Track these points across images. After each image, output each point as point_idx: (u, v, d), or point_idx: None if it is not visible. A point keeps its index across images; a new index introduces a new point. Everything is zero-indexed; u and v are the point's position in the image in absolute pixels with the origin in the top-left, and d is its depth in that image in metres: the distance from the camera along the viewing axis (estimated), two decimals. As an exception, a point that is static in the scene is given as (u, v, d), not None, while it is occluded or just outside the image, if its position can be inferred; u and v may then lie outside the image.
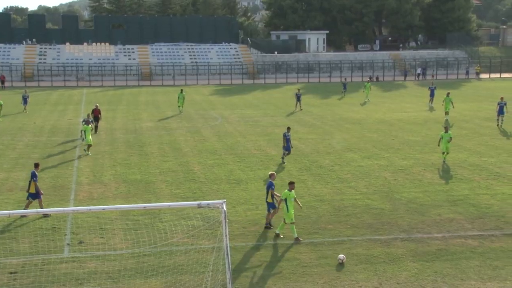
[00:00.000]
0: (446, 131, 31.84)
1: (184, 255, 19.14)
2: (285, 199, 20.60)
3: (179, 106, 53.81)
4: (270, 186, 21.63)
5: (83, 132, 35.36)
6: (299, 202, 21.40)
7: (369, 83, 63.75)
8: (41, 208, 22.84)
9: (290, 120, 48.55)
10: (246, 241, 20.56)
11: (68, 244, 20.37)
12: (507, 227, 21.85)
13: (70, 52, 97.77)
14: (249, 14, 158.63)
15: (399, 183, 28.13)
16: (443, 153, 31.89)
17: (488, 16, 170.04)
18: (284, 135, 32.76)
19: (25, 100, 54.34)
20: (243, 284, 17.22)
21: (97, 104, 43.78)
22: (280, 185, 24.75)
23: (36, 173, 23.66)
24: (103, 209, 19.35)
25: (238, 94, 72.25)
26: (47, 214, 22.67)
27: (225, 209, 15.81)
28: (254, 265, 18.55)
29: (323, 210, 23.90)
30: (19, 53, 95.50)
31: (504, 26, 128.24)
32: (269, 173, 22.73)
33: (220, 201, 16.43)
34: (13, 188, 27.59)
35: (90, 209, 18.90)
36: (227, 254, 15.39)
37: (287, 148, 32.58)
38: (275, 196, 21.58)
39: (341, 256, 16.08)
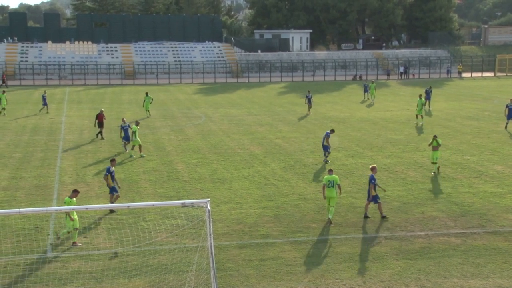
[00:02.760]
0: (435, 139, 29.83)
1: (168, 254, 19.10)
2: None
3: (146, 110, 50.58)
4: (371, 180, 22.15)
5: (133, 133, 34.77)
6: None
7: (374, 84, 61.37)
8: (111, 203, 23.41)
9: (274, 119, 48.60)
10: (230, 240, 20.54)
11: (51, 244, 20.25)
12: (489, 225, 22.02)
13: (52, 50, 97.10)
14: (232, 13, 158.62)
15: (382, 181, 28.17)
16: (434, 163, 29.80)
17: (469, 15, 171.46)
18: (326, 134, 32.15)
19: (44, 100, 53.09)
20: (227, 283, 17.19)
21: (102, 109, 42.70)
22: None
23: (111, 168, 23.76)
24: (87, 208, 19.25)
25: (221, 93, 72.21)
26: (113, 210, 23.04)
27: (209, 208, 15.76)
28: (238, 264, 18.52)
29: (307, 209, 23.93)
30: (1, 52, 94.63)
31: (486, 26, 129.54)
32: (370, 166, 23.22)
33: (204, 200, 16.38)
34: (-5, 188, 27.38)
35: (73, 209, 18.78)
36: (211, 253, 15.34)
37: (325, 148, 32.16)
38: (378, 187, 22.27)
39: None
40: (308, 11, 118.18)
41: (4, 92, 51.06)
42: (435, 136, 29.83)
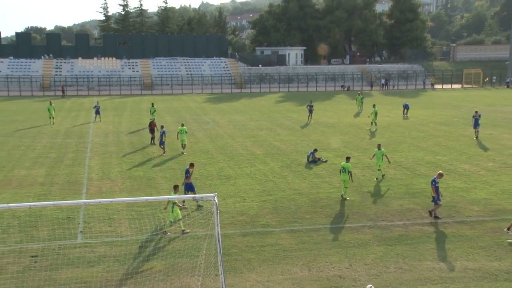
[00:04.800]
0: (379, 148, 28.31)
1: (181, 241, 19.14)
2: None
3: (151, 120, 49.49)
4: (432, 182, 21.62)
5: (178, 133, 35.53)
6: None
7: (361, 96, 59.14)
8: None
9: (272, 124, 48.62)
10: (235, 229, 20.57)
11: (81, 231, 20.29)
12: (457, 215, 22.09)
13: (82, 65, 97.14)
14: (237, 32, 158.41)
15: (366, 178, 28.26)
16: (379, 170, 28.29)
17: (440, 35, 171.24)
18: None
19: (97, 110, 51.78)
20: (232, 266, 17.22)
21: (154, 118, 42.03)
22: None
23: (189, 170, 23.39)
24: (111, 201, 19.15)
25: (227, 101, 72.19)
26: (201, 205, 22.78)
27: (216, 201, 15.77)
28: (242, 249, 18.55)
29: (302, 202, 23.97)
30: (38, 67, 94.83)
31: (454, 44, 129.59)
32: (439, 172, 22.34)
33: (212, 194, 16.39)
34: (34, 184, 27.41)
35: (99, 202, 18.80)
36: (218, 240, 15.36)
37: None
38: (439, 191, 21.51)
39: (369, 287, 15.34)
40: (302, 31, 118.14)
41: (51, 102, 50.65)
42: (379, 145, 28.88)
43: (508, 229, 19.89)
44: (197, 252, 17.75)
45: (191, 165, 24.02)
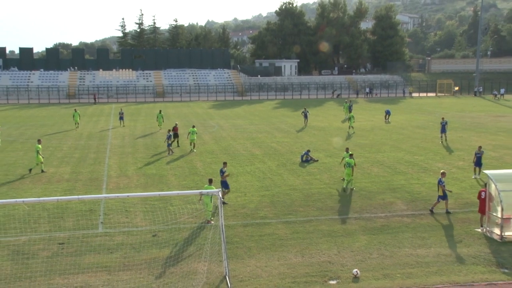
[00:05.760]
0: (347, 151, 26.54)
1: (189, 231, 19.14)
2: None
3: (159, 125, 47.53)
4: (439, 182, 21.18)
5: (189, 134, 35.72)
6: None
7: (347, 104, 57.87)
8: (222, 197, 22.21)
9: (270, 128, 48.61)
10: (237, 220, 20.57)
11: (101, 222, 20.30)
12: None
13: (102, 76, 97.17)
14: (238, 46, 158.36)
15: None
16: (343, 179, 25.62)
17: (417, 50, 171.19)
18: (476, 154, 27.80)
19: (121, 116, 51.01)
20: (234, 253, 17.23)
21: (177, 123, 41.38)
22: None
23: (223, 169, 22.88)
24: (128, 196, 19.22)
25: (230, 107, 72.19)
26: (225, 202, 22.14)
27: (220, 196, 15.83)
28: (243, 238, 18.55)
29: (296, 197, 23.96)
30: (65, 78, 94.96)
31: (429, 58, 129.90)
32: (441, 171, 21.83)
33: (217, 190, 16.46)
34: (60, 180, 27.42)
35: (118, 196, 18.83)
36: (222, 230, 15.39)
37: (476, 163, 27.55)
38: (445, 190, 21.14)
39: (355, 271, 15.39)
40: (297, 45, 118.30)
41: (76, 110, 50.37)
42: (347, 148, 27.64)
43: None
44: (204, 240, 17.77)
45: (224, 164, 23.48)
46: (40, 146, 29.95)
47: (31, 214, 21.07)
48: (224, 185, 22.83)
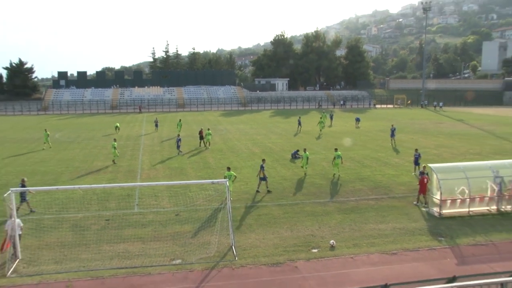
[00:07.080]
0: (336, 151, 25.66)
1: (203, 212, 19.15)
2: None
3: (178, 130, 43.99)
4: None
5: (206, 135, 35.51)
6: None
7: (324, 113, 54.35)
8: (267, 187, 21.62)
9: (266, 131, 48.55)
10: (240, 203, 20.59)
11: (137, 204, 20.35)
12: (391, 193, 22.13)
13: (137, 92, 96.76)
14: (242, 68, 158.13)
15: (330, 168, 28.20)
16: (334, 175, 25.23)
17: (379, 71, 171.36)
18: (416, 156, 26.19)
19: (156, 124, 49.85)
20: (239, 229, 17.30)
21: (202, 128, 40.62)
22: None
23: (263, 165, 21.98)
24: (156, 184, 19.24)
25: (235, 116, 72.08)
26: (270, 190, 21.42)
27: (227, 185, 15.90)
28: (245, 217, 18.62)
29: (286, 185, 23.97)
30: (109, 93, 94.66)
31: (388, 78, 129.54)
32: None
33: (225, 180, 16.52)
34: (106, 172, 27.46)
35: (149, 184, 18.89)
36: (229, 211, 15.47)
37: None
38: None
39: (332, 242, 15.48)
40: (287, 67, 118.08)
41: (117, 125, 48.85)
42: (335, 149, 26.53)
43: (417, 202, 20.04)
44: (215, 218, 17.84)
45: (263, 160, 22.64)
46: (115, 143, 30.17)
47: (85, 197, 21.16)
48: (263, 178, 22.14)
